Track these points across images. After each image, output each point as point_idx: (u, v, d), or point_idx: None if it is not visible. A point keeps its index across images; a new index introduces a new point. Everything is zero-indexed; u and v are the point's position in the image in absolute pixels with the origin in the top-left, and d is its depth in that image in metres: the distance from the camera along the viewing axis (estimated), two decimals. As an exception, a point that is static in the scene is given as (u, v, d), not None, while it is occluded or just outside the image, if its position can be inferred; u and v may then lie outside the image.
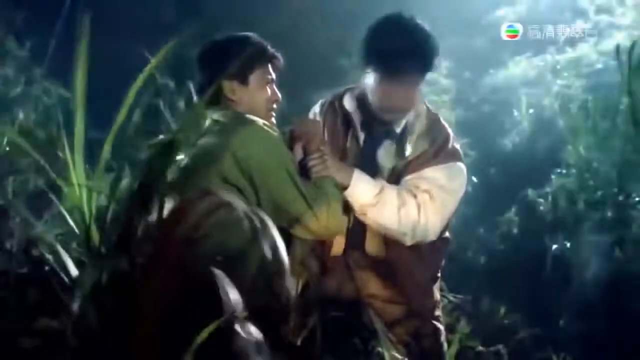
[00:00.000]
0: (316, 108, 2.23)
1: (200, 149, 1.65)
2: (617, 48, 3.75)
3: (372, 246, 2.08)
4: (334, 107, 2.15)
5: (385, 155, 2.04)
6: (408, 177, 1.98)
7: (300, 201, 1.68)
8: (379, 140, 2.05)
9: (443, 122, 2.09)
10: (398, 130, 2.03)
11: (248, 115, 1.73)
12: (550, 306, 3.11)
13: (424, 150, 1.98)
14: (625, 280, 2.97)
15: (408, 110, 2.00)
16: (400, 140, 2.02)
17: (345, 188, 1.89)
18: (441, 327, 2.16)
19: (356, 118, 2.08)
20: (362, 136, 2.08)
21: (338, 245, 2.10)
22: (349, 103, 2.08)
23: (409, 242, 1.96)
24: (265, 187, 1.65)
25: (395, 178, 2.01)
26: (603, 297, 2.95)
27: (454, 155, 2.01)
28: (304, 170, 1.83)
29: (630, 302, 2.85)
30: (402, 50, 1.88)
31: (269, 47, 1.85)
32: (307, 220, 1.69)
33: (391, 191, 1.93)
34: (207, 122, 1.74)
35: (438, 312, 2.18)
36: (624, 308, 2.86)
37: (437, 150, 1.99)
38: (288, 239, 1.68)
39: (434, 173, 1.95)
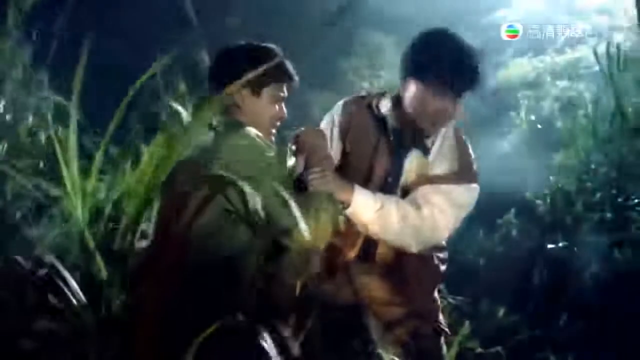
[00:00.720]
0: (336, 109, 2.22)
1: (191, 153, 1.65)
2: (595, 53, 3.78)
3: (382, 256, 2.09)
4: (362, 106, 2.14)
5: (410, 165, 2.05)
6: (422, 188, 2.00)
7: (286, 212, 1.66)
8: (408, 150, 2.06)
9: (468, 142, 2.11)
10: (429, 144, 2.04)
11: (243, 125, 1.72)
12: (549, 307, 3.11)
13: (451, 171, 2.00)
14: (624, 282, 2.97)
15: (443, 124, 2.02)
16: (428, 155, 2.04)
17: (345, 205, 1.89)
18: (445, 329, 2.17)
19: (390, 124, 2.08)
20: (393, 142, 2.09)
21: (350, 254, 2.11)
22: (385, 108, 2.08)
23: (414, 250, 1.99)
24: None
25: (412, 187, 2.02)
26: (602, 298, 2.95)
27: (474, 177, 2.05)
28: (303, 182, 1.83)
29: (629, 304, 2.85)
30: (451, 63, 1.92)
31: (289, 66, 1.83)
32: (294, 231, 1.67)
33: (391, 205, 1.94)
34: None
35: (441, 316, 2.19)
36: (623, 309, 2.86)
37: (461, 170, 2.01)
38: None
39: (450, 190, 1.98)
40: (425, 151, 2.05)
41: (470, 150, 2.11)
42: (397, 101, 2.06)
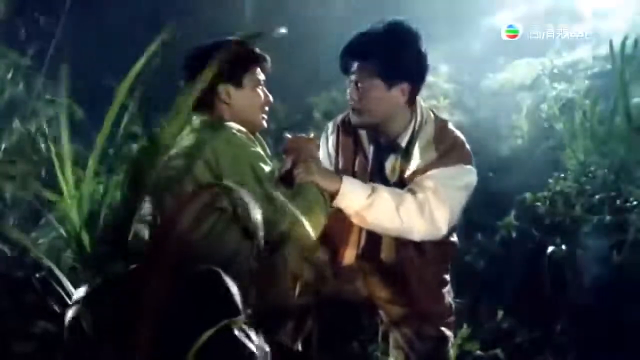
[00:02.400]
0: (327, 128, 2.26)
1: (175, 154, 1.66)
2: (611, 44, 3.78)
3: (387, 254, 2.09)
4: (345, 124, 2.18)
5: (391, 169, 2.05)
6: (414, 180, 1.99)
7: (266, 203, 1.67)
8: (385, 154, 2.07)
9: (452, 128, 2.10)
10: (403, 143, 2.04)
11: (223, 122, 1.74)
12: (548, 310, 3.10)
13: (432, 159, 1.99)
14: (623, 284, 2.96)
15: (364, 111, 2.01)
16: (406, 153, 2.03)
17: (334, 197, 1.89)
18: (449, 333, 2.16)
19: (362, 132, 2.10)
20: (370, 150, 2.09)
21: (349, 256, 2.11)
22: (353, 117, 2.09)
23: (417, 237, 1.95)
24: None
25: (402, 186, 2.02)
26: (601, 301, 2.94)
27: (462, 158, 2.02)
28: (289, 180, 1.84)
29: (629, 307, 2.85)
30: (344, 48, 2.02)
31: (257, 49, 1.87)
32: (280, 219, 1.68)
33: (384, 192, 1.93)
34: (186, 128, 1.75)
35: (450, 319, 2.17)
36: (622, 312, 2.85)
37: (444, 154, 2.00)
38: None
39: (439, 172, 1.96)
40: (402, 150, 2.05)
41: (457, 134, 2.09)
42: None
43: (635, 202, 3.24)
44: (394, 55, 1.95)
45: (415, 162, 2.01)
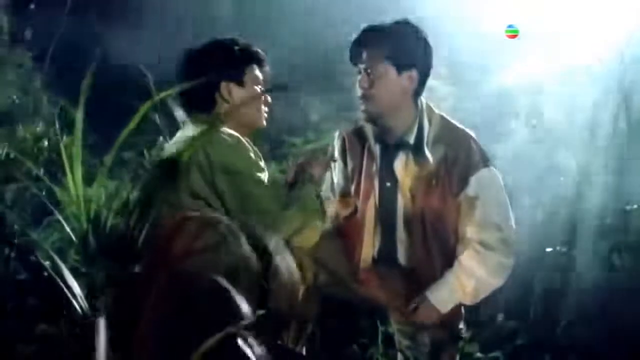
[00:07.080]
0: (334, 140, 2.27)
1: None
2: (622, 54, 3.80)
3: (404, 258, 2.09)
4: (350, 130, 2.19)
5: (402, 167, 2.05)
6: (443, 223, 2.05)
7: (265, 201, 1.67)
8: (394, 152, 2.07)
9: (459, 125, 2.11)
10: (411, 140, 2.04)
11: (218, 126, 1.75)
12: (548, 313, 3.10)
13: (442, 156, 2.00)
14: (623, 287, 2.97)
15: (374, 98, 2.03)
16: (417, 150, 2.03)
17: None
18: (462, 335, 2.16)
19: (369, 131, 2.10)
20: (377, 149, 2.09)
21: (366, 257, 2.11)
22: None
23: (509, 262, 2.15)
24: (230, 192, 1.66)
25: (422, 197, 2.01)
26: (601, 304, 2.95)
27: (475, 161, 2.03)
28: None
29: (629, 309, 2.85)
30: (354, 40, 2.09)
31: (257, 49, 1.90)
32: (277, 223, 1.68)
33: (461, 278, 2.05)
34: (179, 134, 1.76)
35: (460, 322, 2.18)
36: (623, 315, 2.86)
37: (459, 166, 2.00)
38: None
39: (469, 208, 1.98)
40: (411, 147, 2.05)
41: (463, 132, 2.11)
42: None
43: (635, 205, 3.24)
44: (404, 40, 2.03)
45: (429, 157, 2.01)
